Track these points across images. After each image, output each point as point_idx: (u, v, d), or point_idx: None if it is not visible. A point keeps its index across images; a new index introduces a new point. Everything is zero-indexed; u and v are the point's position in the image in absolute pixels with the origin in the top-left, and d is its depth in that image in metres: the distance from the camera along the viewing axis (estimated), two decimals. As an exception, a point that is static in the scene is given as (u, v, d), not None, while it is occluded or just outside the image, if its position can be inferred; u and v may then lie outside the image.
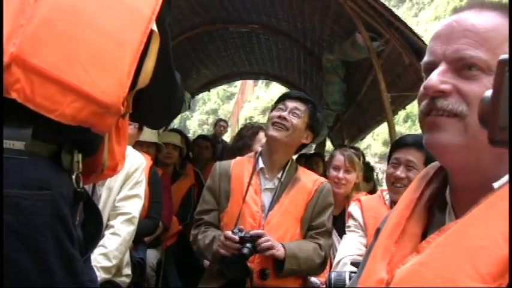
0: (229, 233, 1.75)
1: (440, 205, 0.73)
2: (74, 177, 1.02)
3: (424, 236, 0.69)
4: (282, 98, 1.98)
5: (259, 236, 1.73)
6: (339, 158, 2.56)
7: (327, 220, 1.91)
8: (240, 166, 1.98)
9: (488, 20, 0.67)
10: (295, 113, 1.90)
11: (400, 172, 1.85)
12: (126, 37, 0.98)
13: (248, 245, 1.72)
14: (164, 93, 1.14)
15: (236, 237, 1.73)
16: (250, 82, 8.36)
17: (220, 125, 6.41)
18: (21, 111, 0.91)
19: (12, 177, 0.89)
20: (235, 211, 1.87)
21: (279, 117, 1.89)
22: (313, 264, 1.83)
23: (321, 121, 2.02)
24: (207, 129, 22.23)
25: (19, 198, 0.89)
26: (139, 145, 2.96)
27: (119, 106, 0.96)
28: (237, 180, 1.93)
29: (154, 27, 1.02)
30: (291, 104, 1.92)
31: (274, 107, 1.99)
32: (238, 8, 4.46)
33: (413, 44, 3.09)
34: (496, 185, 0.64)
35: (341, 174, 2.51)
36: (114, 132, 1.10)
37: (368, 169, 3.77)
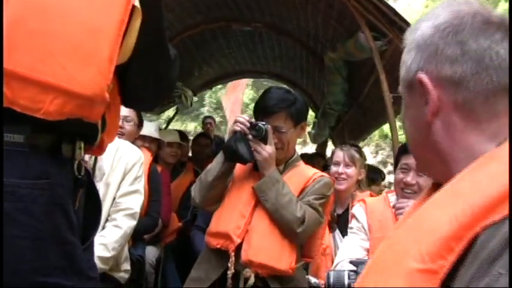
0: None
1: None
2: (75, 164, 1.04)
3: None
4: (259, 114, 1.90)
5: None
6: (338, 154, 2.60)
7: (312, 199, 1.86)
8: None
9: None
10: (280, 131, 1.87)
11: (410, 178, 1.81)
12: (102, 22, 0.97)
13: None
14: (154, 67, 1.12)
15: (246, 116, 1.84)
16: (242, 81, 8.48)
17: (207, 122, 6.30)
18: (16, 112, 0.93)
19: (11, 168, 0.92)
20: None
21: None
22: (292, 209, 1.76)
23: (303, 108, 1.97)
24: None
25: (16, 187, 0.92)
26: (141, 139, 2.95)
27: (103, 95, 0.96)
28: (240, 169, 1.95)
29: (137, 3, 1.00)
30: (270, 124, 1.85)
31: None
32: (241, 7, 4.45)
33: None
34: None
35: (341, 169, 2.52)
36: None
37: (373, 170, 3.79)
